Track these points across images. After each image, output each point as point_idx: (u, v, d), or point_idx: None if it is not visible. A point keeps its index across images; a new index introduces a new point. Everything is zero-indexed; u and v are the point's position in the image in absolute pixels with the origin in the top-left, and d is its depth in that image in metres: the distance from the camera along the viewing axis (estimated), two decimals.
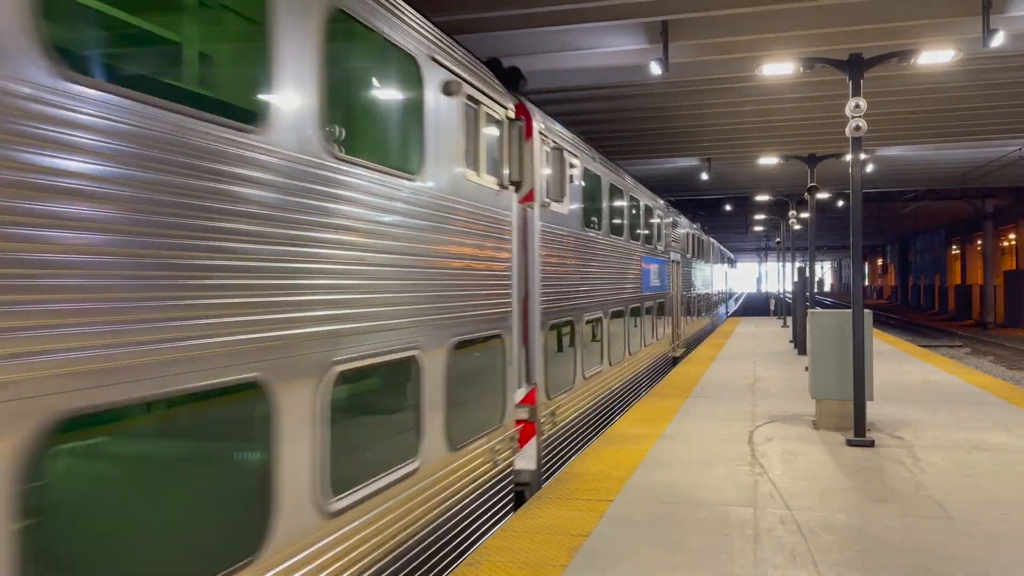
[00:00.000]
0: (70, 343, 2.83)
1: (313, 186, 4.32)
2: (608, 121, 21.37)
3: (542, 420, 8.83)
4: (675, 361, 20.62)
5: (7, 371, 2.61)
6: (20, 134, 2.66)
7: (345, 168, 4.66)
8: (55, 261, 2.78)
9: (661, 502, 7.16)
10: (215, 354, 3.52)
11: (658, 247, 18.35)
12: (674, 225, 21.87)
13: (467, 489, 6.43)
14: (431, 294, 5.84)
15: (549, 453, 9.20)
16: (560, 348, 10.03)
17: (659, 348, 18.61)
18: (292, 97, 4.17)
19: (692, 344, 25.76)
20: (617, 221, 13.58)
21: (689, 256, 26.06)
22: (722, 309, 46.00)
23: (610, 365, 12.79)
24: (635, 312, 15.10)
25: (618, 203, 13.75)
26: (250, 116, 3.91)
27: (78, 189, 2.87)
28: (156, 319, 3.21)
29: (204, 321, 3.46)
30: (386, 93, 5.92)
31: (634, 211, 15.29)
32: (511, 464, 7.63)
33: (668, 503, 7.13)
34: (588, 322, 11.23)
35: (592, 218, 11.72)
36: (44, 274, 2.75)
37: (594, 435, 11.30)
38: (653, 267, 17.30)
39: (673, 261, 21.04)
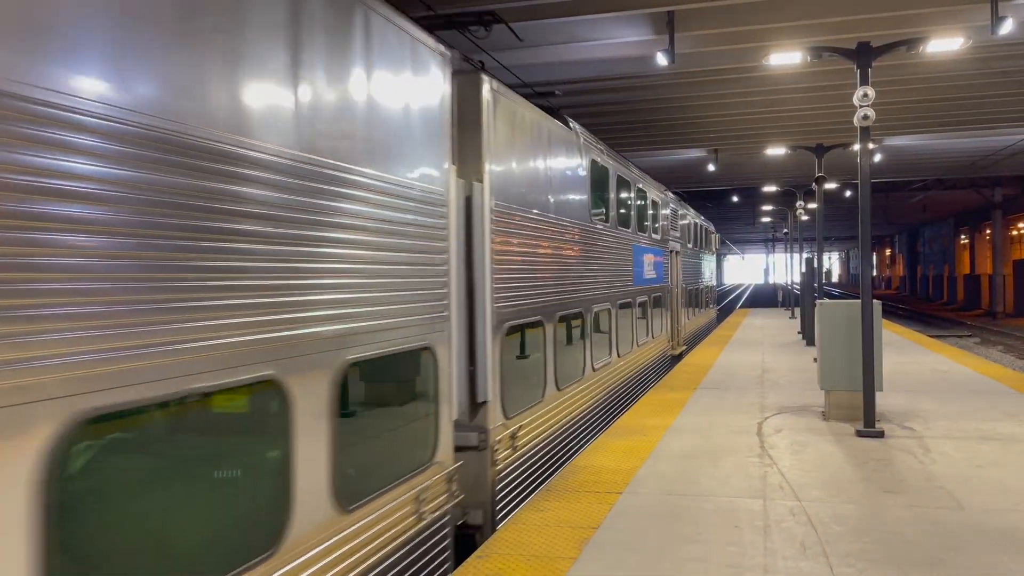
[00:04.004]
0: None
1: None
2: (614, 113, 21.32)
3: (497, 447, 7.42)
4: (675, 360, 18.97)
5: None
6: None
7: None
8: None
9: (670, 494, 7.15)
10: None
11: (654, 236, 16.89)
12: (674, 212, 20.02)
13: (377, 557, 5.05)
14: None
15: (510, 485, 7.77)
16: (524, 355, 8.62)
17: (655, 348, 16.91)
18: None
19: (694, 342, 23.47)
20: (599, 205, 12.13)
21: (692, 247, 24.21)
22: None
23: (594, 370, 11.44)
24: (625, 307, 13.81)
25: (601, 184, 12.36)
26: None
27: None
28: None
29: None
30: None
31: (623, 194, 13.90)
32: (447, 512, 6.10)
33: (677, 495, 7.12)
34: (564, 320, 9.92)
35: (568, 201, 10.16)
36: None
37: (576, 453, 10.08)
38: (648, 258, 16.00)
39: (672, 252, 19.51)
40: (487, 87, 7.43)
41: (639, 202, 15.28)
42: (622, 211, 13.63)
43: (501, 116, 7.71)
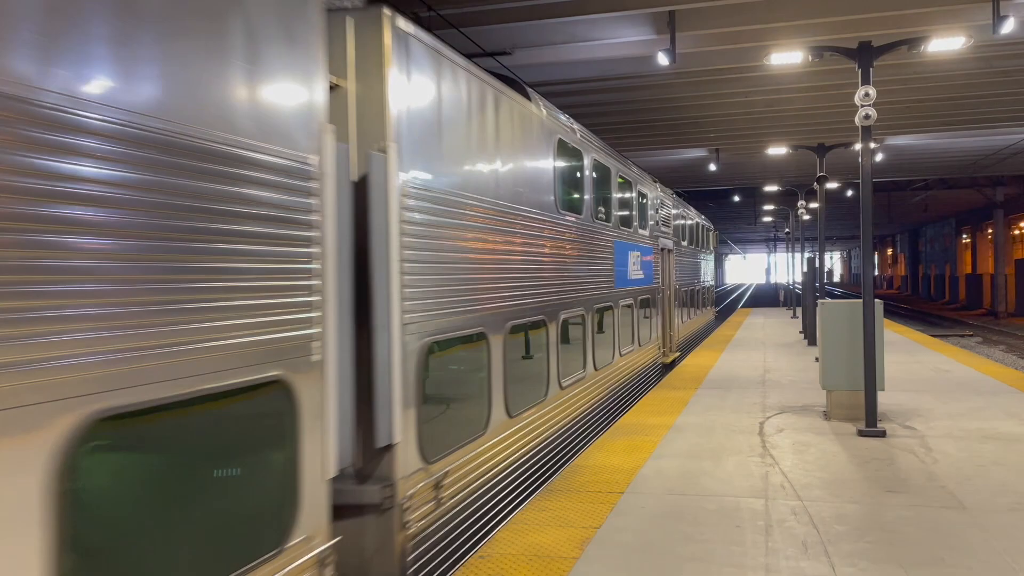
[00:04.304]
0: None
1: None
2: (615, 113, 21.33)
3: (409, 504, 5.46)
4: (667, 368, 17.05)
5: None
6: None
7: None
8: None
9: (672, 494, 7.15)
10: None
11: (641, 232, 15.00)
12: (667, 207, 18.11)
13: None
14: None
15: (433, 550, 5.81)
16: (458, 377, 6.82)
17: (643, 357, 14.93)
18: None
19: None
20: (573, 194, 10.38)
21: (688, 245, 22.42)
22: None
23: (561, 388, 9.44)
24: (605, 312, 11.87)
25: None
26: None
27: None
28: None
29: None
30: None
31: (602, 184, 11.99)
32: None
33: (679, 495, 7.12)
34: (519, 331, 8.03)
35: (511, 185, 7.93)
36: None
37: (533, 492, 8.08)
38: (634, 256, 14.06)
39: (664, 250, 17.54)
40: (391, 28, 5.33)
41: (624, 194, 13.46)
42: (601, 203, 11.75)
43: (420, 71, 5.76)
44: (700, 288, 25.60)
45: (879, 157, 27.85)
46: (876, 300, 9.76)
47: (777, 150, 21.92)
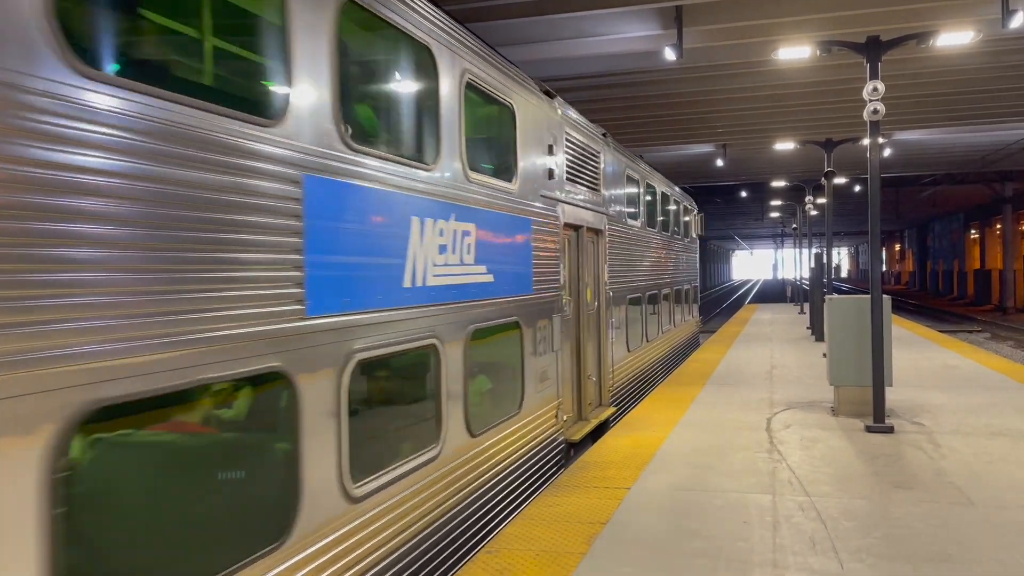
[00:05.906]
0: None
1: None
2: (622, 108, 21.31)
3: None
4: (577, 449, 9.60)
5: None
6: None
7: None
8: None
9: (679, 489, 7.15)
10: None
11: (501, 183, 7.46)
12: (578, 148, 10.21)
13: None
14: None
15: None
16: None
17: (488, 458, 7.03)
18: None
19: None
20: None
21: (642, 224, 14.49)
22: None
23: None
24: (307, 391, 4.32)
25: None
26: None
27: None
28: None
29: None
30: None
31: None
32: None
33: (686, 490, 7.12)
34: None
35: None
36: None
37: None
38: (450, 228, 6.15)
39: (580, 228, 10.18)
40: None
41: (410, 77, 6.20)
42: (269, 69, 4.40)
43: None
44: (672, 292, 17.84)
45: (887, 152, 27.76)
46: (884, 296, 9.74)
47: (784, 145, 21.85)
